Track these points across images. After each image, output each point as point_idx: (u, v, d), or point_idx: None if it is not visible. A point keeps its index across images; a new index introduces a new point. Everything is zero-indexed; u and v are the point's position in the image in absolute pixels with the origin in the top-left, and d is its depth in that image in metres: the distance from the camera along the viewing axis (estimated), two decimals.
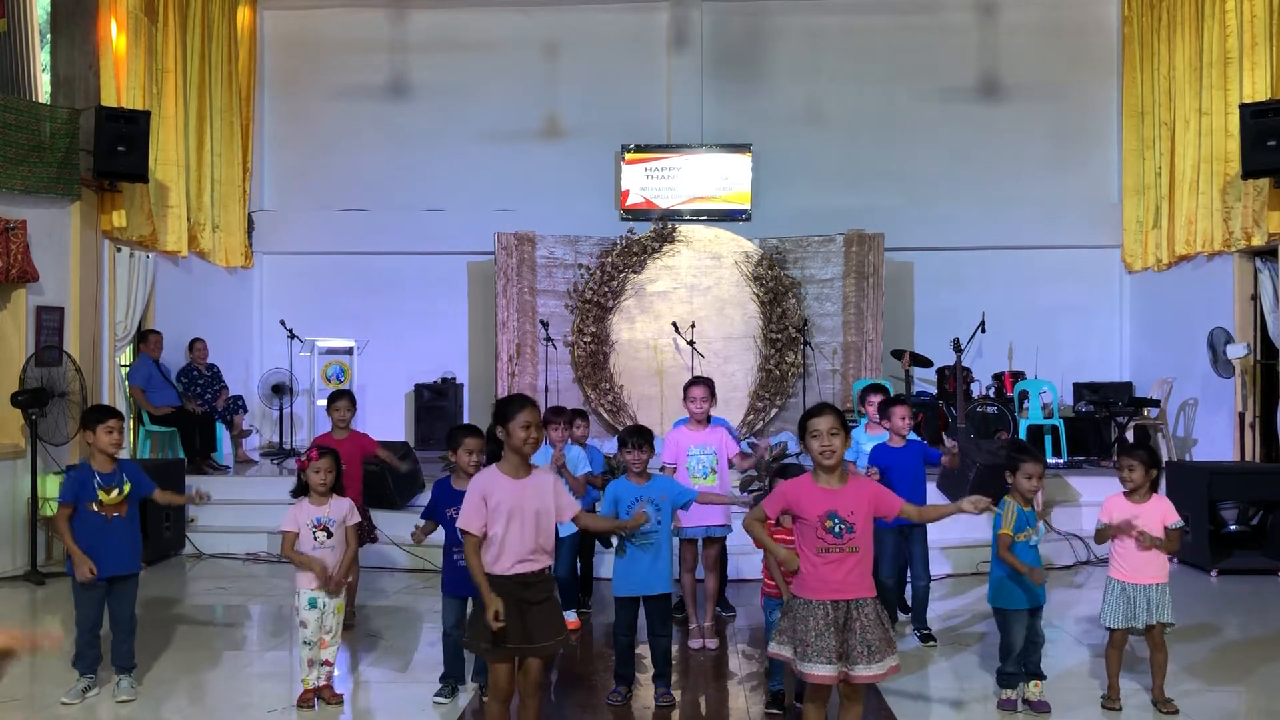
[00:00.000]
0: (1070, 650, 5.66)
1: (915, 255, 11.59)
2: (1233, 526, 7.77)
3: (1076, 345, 11.45)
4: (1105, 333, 11.61)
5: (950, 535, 7.47)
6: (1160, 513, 4.64)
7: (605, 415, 10.82)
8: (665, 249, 11.12)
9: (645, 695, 4.86)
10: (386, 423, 11.31)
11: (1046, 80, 11.70)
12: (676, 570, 5.71)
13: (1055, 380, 10.49)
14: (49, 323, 8.36)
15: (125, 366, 9.62)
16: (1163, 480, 7.05)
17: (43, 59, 9.13)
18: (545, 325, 10.78)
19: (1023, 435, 9.68)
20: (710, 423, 5.96)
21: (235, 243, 11.27)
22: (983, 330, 10.03)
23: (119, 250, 9.22)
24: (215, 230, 10.88)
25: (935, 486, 8.20)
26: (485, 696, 4.30)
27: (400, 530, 7.70)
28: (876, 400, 6.27)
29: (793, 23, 11.86)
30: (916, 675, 5.24)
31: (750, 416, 10.75)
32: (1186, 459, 9.99)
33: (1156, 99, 10.73)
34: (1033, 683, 4.65)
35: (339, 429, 6.21)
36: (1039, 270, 11.53)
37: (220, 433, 9.98)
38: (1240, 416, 9.27)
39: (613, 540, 4.78)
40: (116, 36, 9.09)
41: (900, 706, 4.73)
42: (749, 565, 6.99)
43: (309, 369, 11.38)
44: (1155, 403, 10.09)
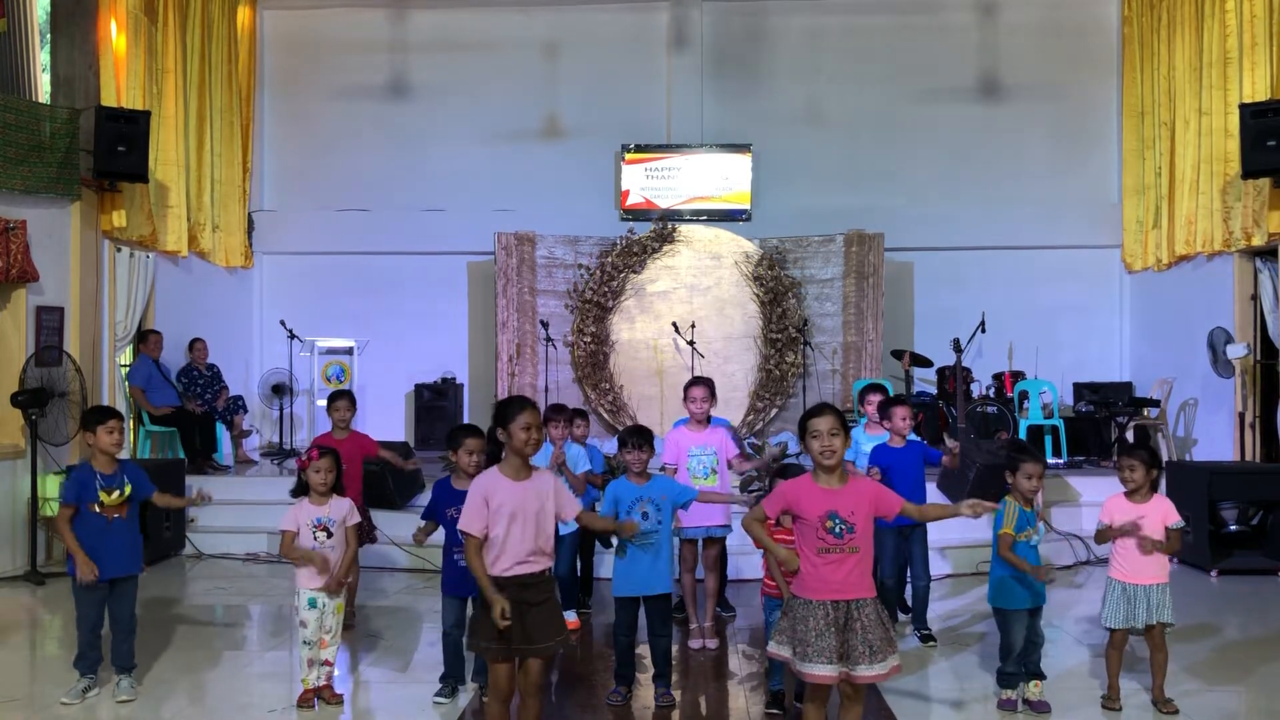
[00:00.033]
0: (1070, 650, 5.66)
1: (915, 255, 11.59)
2: (1233, 526, 7.77)
3: (1076, 345, 11.45)
4: (1105, 333, 11.61)
5: (950, 535, 7.48)
6: (1161, 513, 4.64)
7: (605, 415, 10.81)
8: (665, 249, 11.12)
9: (645, 695, 4.86)
10: (386, 423, 11.31)
11: (1046, 80, 11.70)
12: (676, 570, 5.72)
13: (1055, 380, 10.49)
14: (49, 323, 8.36)
15: (125, 366, 9.62)
16: (1163, 480, 7.05)
17: (43, 59, 9.13)
18: (545, 325, 10.78)
19: (1023, 435, 9.68)
20: (710, 423, 5.96)
21: (235, 243, 11.27)
22: (983, 330, 10.03)
23: (119, 250, 9.22)
24: (215, 230, 10.89)
25: (935, 486, 8.21)
26: (485, 696, 4.30)
27: (400, 530, 7.71)
28: (876, 400, 6.28)
29: (793, 23, 11.87)
30: (916, 675, 5.24)
31: (750, 416, 10.75)
32: (1186, 459, 9.99)
33: (1156, 99, 10.73)
34: (1033, 683, 4.66)
35: (339, 429, 6.21)
36: (1039, 270, 11.53)
37: (220, 433, 9.98)
38: (1240, 416, 9.27)
39: (613, 540, 4.78)
40: (116, 36, 9.10)
41: (900, 706, 4.73)
42: (749, 565, 7.00)
43: (309, 369, 11.38)
44: (1155, 403, 10.09)
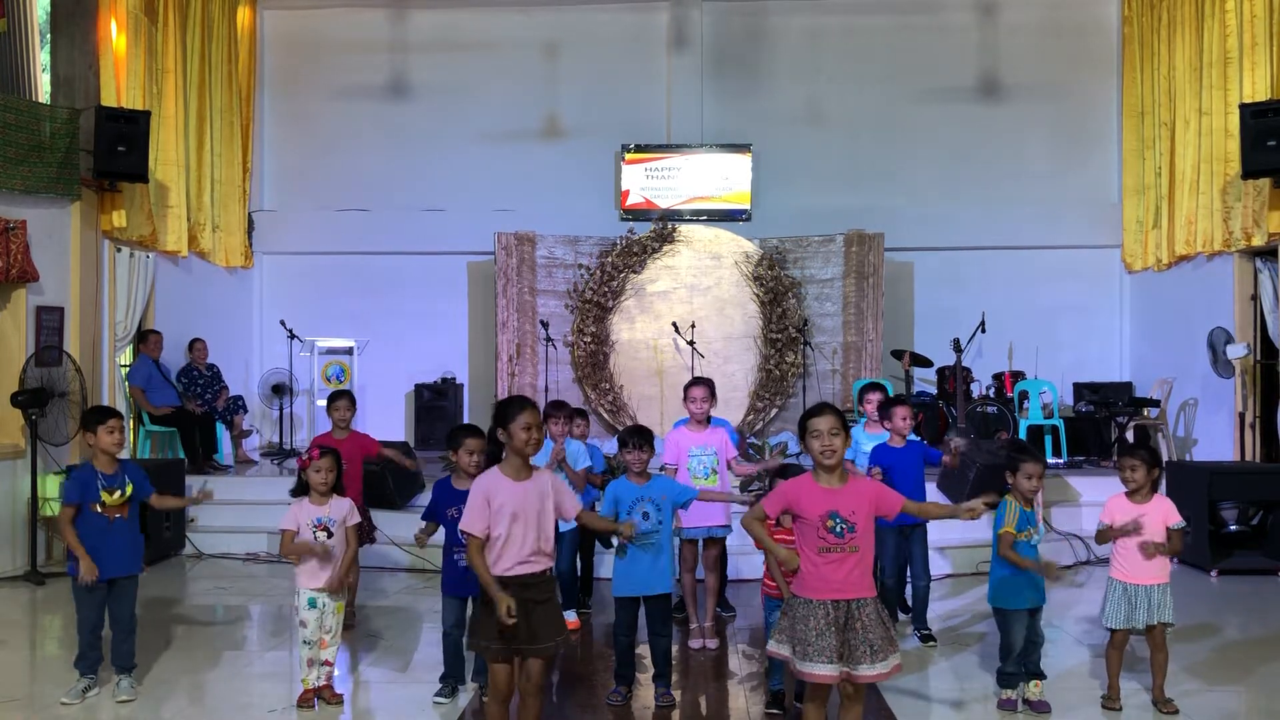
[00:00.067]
0: (1070, 650, 5.67)
1: (915, 255, 11.59)
2: (1233, 526, 7.77)
3: (1076, 345, 11.45)
4: (1105, 333, 11.61)
5: (950, 535, 7.48)
6: (1162, 513, 4.64)
7: (605, 415, 10.81)
8: (665, 249, 11.12)
9: (645, 695, 4.86)
10: (386, 423, 11.31)
11: (1046, 80, 11.70)
12: (676, 570, 5.72)
13: (1055, 380, 10.49)
14: (49, 323, 8.36)
15: (125, 366, 9.62)
16: (1163, 480, 7.05)
17: (43, 59, 9.13)
18: (545, 325, 10.78)
19: (1023, 435, 9.68)
20: (710, 423, 5.97)
21: (235, 243, 11.27)
22: (983, 330, 10.03)
23: (119, 250, 9.22)
24: (215, 230, 10.88)
25: (935, 486, 8.21)
26: (485, 696, 4.30)
27: (400, 530, 7.71)
28: (875, 399, 6.28)
29: (793, 23, 11.86)
30: (916, 675, 5.24)
31: (750, 416, 10.74)
32: (1186, 459, 9.99)
33: (1156, 99, 10.73)
34: (1033, 683, 4.66)
35: (339, 429, 6.20)
36: (1039, 270, 11.53)
37: (220, 433, 9.98)
38: (1240, 416, 9.27)
39: (613, 540, 4.78)
40: (116, 36, 9.09)
41: (900, 706, 4.74)
42: (749, 565, 7.00)
43: (309, 369, 11.38)
44: (1155, 403, 10.09)
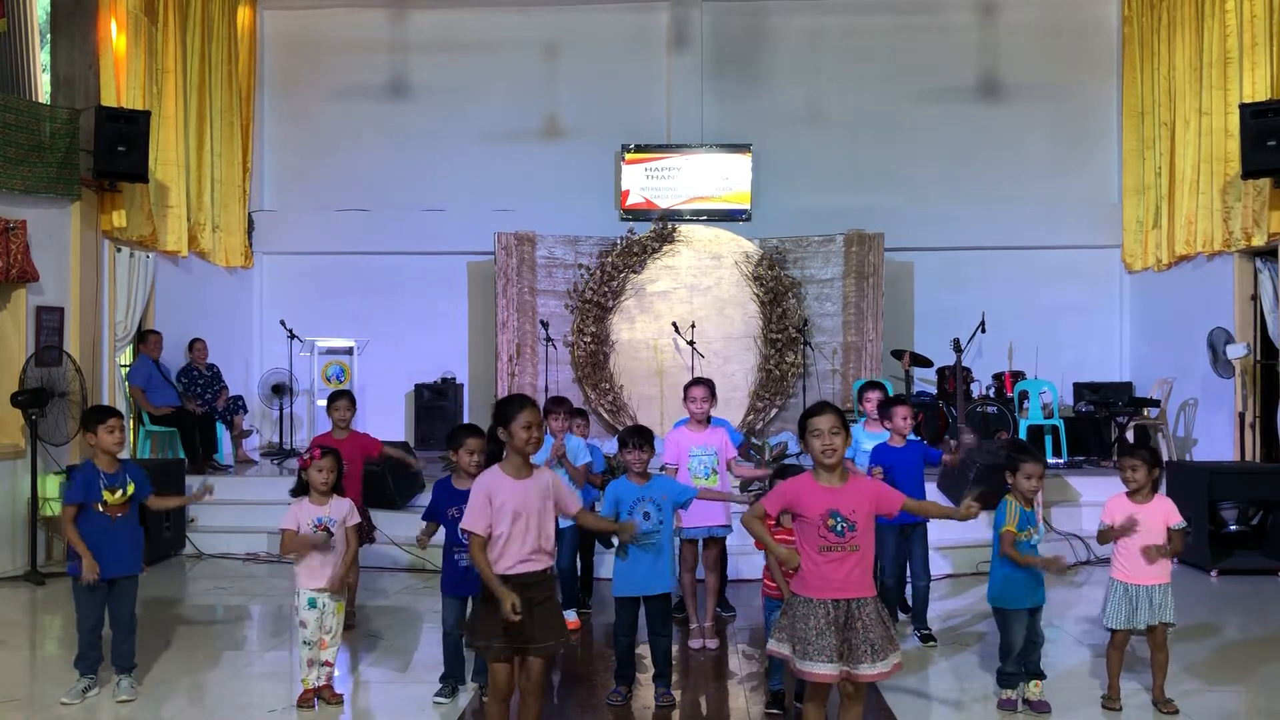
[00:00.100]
0: (1070, 650, 5.67)
1: (915, 255, 11.59)
2: (1233, 526, 7.77)
3: (1076, 345, 11.45)
4: (1105, 333, 11.61)
5: (950, 535, 7.47)
6: (1163, 513, 4.64)
7: (605, 415, 10.81)
8: (665, 249, 11.12)
9: (645, 695, 4.86)
10: (386, 423, 11.30)
11: (1046, 80, 11.70)
12: (676, 570, 5.72)
13: (1055, 380, 10.49)
14: (49, 323, 8.36)
15: (125, 366, 9.62)
16: (1163, 480, 7.05)
17: (43, 59, 9.13)
18: (545, 325, 10.78)
19: (1023, 435, 9.68)
20: (710, 423, 5.97)
21: (235, 243, 11.27)
22: (983, 330, 10.03)
23: (119, 250, 9.22)
24: (215, 230, 10.88)
25: (935, 486, 8.22)
26: (485, 696, 4.30)
27: (400, 530, 7.72)
28: (875, 397, 6.28)
29: (793, 23, 11.86)
30: (916, 675, 5.24)
31: (750, 416, 10.74)
32: (1186, 459, 9.99)
33: (1156, 99, 10.73)
34: (1033, 683, 4.66)
35: (339, 429, 6.20)
36: (1039, 270, 11.53)
37: (220, 433, 9.98)
38: (1240, 416, 9.27)
39: (613, 540, 4.78)
40: (116, 36, 9.09)
41: (900, 706, 4.73)
42: (749, 565, 7.00)
43: (309, 369, 11.38)
44: (1155, 403, 10.09)
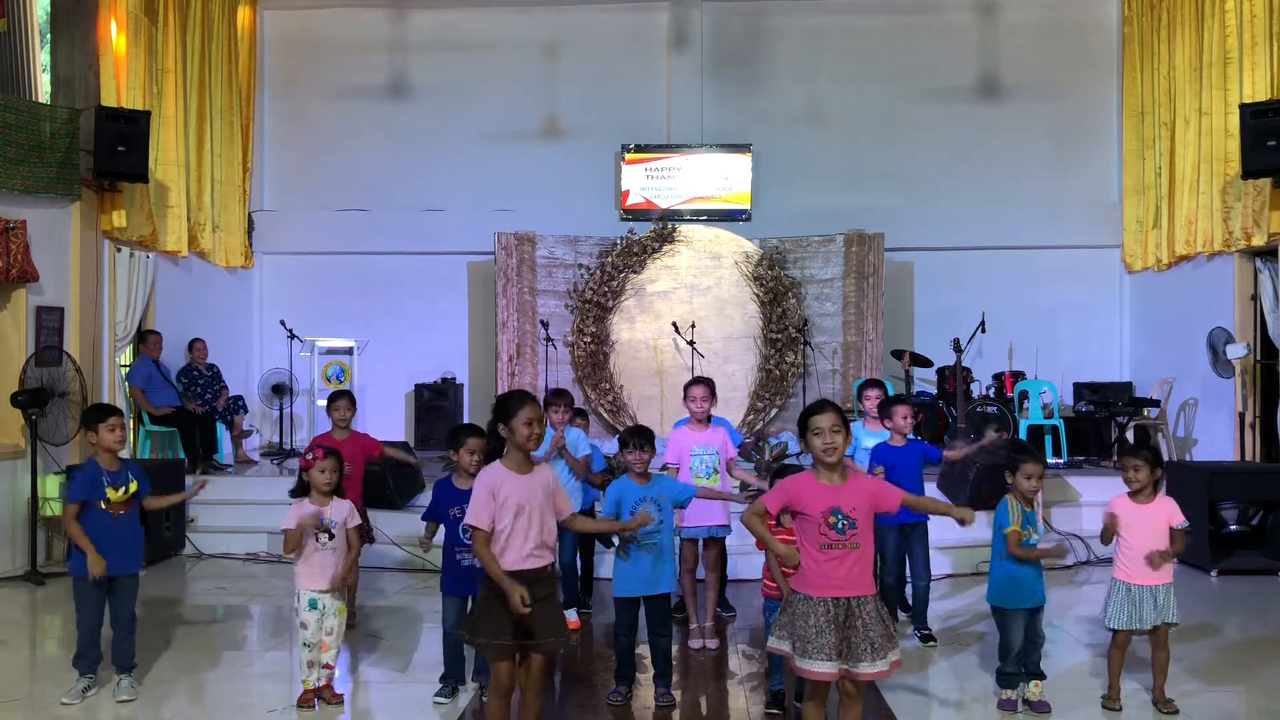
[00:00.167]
0: (1070, 650, 5.67)
1: (915, 255, 11.59)
2: (1233, 526, 7.77)
3: (1076, 345, 11.45)
4: (1105, 333, 11.61)
5: (950, 535, 7.44)
6: (1165, 513, 4.63)
7: (605, 415, 10.81)
8: (665, 249, 11.12)
9: (645, 695, 4.86)
10: (386, 423, 11.30)
11: (1046, 80, 11.70)
12: (677, 569, 5.72)
13: (1055, 380, 10.48)
14: (49, 323, 8.36)
15: (125, 366, 9.62)
16: (1164, 480, 7.05)
17: (43, 59, 9.13)
18: (545, 325, 10.78)
19: (1023, 435, 9.67)
20: (710, 422, 5.97)
21: (235, 243, 11.26)
22: (983, 330, 10.03)
23: (119, 250, 9.22)
24: (215, 230, 10.88)
25: (935, 486, 8.21)
26: (485, 696, 4.30)
27: (399, 530, 7.72)
28: (875, 395, 6.28)
29: (793, 23, 11.86)
30: (916, 675, 5.24)
31: (750, 416, 10.74)
32: (1186, 459, 9.99)
33: (1156, 99, 10.73)
34: (1033, 683, 4.66)
35: (339, 429, 6.19)
36: (1039, 270, 11.53)
37: (220, 433, 9.98)
38: (1240, 416, 9.27)
39: (614, 539, 4.78)
40: (116, 36, 9.09)
41: (900, 706, 4.73)
42: (749, 565, 6.99)
43: (309, 369, 11.38)
44: (1155, 403, 10.09)
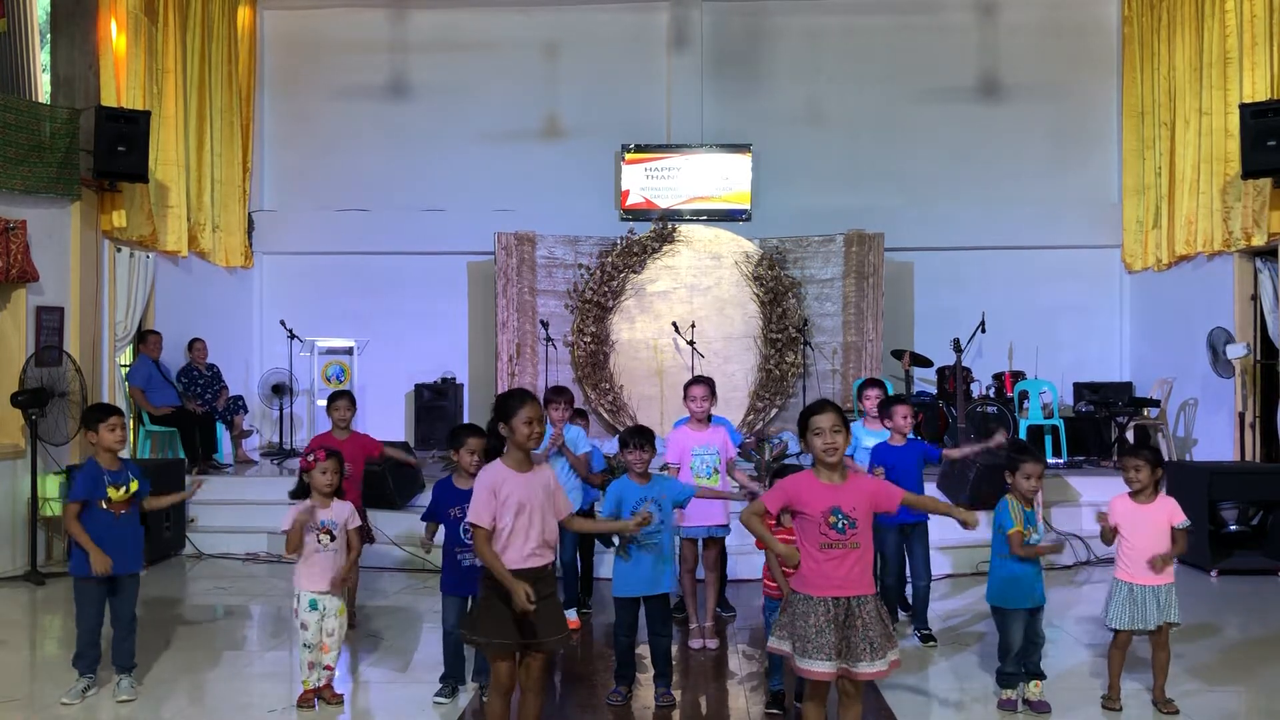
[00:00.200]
0: (1070, 650, 5.67)
1: (915, 255, 11.59)
2: (1233, 526, 7.77)
3: (1076, 345, 11.44)
4: (1105, 333, 11.61)
5: (950, 535, 7.43)
6: (1167, 513, 4.64)
7: (605, 415, 10.81)
8: (665, 249, 11.11)
9: (645, 695, 4.86)
10: (386, 423, 11.30)
11: (1046, 80, 11.70)
12: (677, 569, 5.72)
13: (1055, 380, 10.48)
14: (49, 323, 8.36)
15: (125, 367, 9.62)
16: (1165, 480, 7.05)
17: (43, 59, 9.13)
18: (545, 325, 10.78)
19: (1023, 435, 9.67)
20: (711, 422, 5.97)
21: (235, 243, 11.26)
22: (983, 330, 10.03)
23: (119, 250, 9.22)
24: (215, 230, 10.88)
25: (935, 486, 8.21)
26: (485, 696, 4.30)
27: (399, 530, 7.73)
28: (875, 395, 6.28)
29: (793, 23, 11.86)
30: (916, 675, 5.24)
31: (750, 416, 10.74)
32: (1186, 459, 9.99)
33: (1156, 99, 10.72)
34: (1033, 683, 4.66)
35: (339, 429, 6.19)
36: (1039, 270, 11.53)
37: (220, 433, 9.98)
38: (1240, 416, 9.27)
39: (614, 539, 4.78)
40: (116, 36, 9.09)
41: (900, 706, 4.73)
42: (749, 565, 6.99)
43: (309, 369, 11.38)
44: (1155, 403, 10.09)
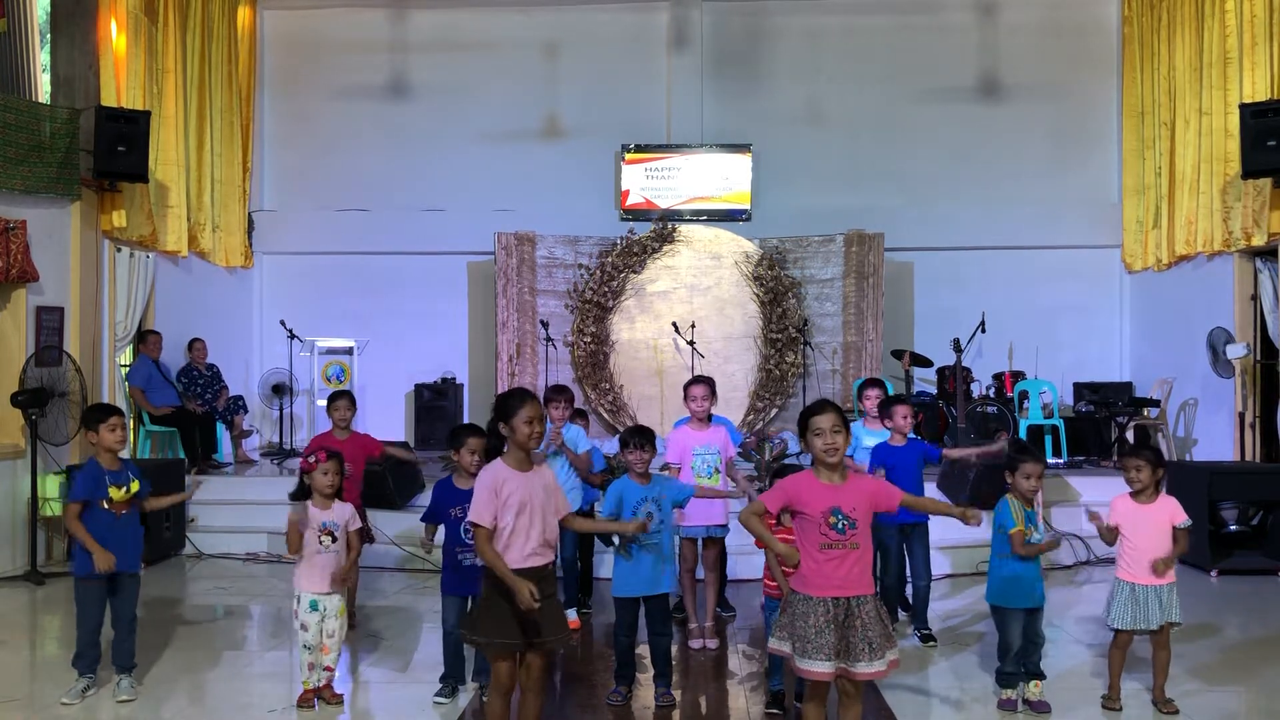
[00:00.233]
0: (1070, 650, 5.67)
1: (915, 255, 11.59)
2: (1233, 526, 7.77)
3: (1076, 345, 11.45)
4: (1105, 333, 11.61)
5: (950, 535, 7.45)
6: (1168, 512, 4.64)
7: (605, 415, 10.81)
8: (665, 249, 11.12)
9: (645, 695, 4.86)
10: (386, 423, 11.30)
11: (1046, 80, 11.70)
12: (677, 569, 5.72)
13: (1055, 380, 10.49)
14: (49, 323, 8.36)
15: (125, 366, 9.62)
16: (1165, 480, 7.05)
17: (43, 59, 9.13)
18: (545, 325, 10.78)
19: (1023, 435, 9.68)
20: (711, 421, 5.97)
21: (235, 243, 11.26)
22: (983, 330, 10.03)
23: (119, 250, 9.22)
24: (215, 230, 10.88)
25: (935, 486, 8.22)
26: (485, 696, 4.30)
27: (399, 530, 7.73)
28: (875, 395, 6.28)
29: (793, 23, 11.86)
30: (916, 675, 5.24)
31: (750, 416, 10.74)
32: (1186, 459, 9.99)
33: (1156, 99, 10.73)
34: (1033, 683, 4.65)
35: (339, 429, 6.18)
36: (1039, 270, 11.53)
37: (220, 433, 9.98)
38: (1240, 416, 9.27)
39: (614, 539, 4.78)
40: (116, 36, 9.09)
41: (900, 706, 4.73)
42: (749, 565, 6.99)
43: (309, 369, 11.38)
44: (1155, 403, 10.09)
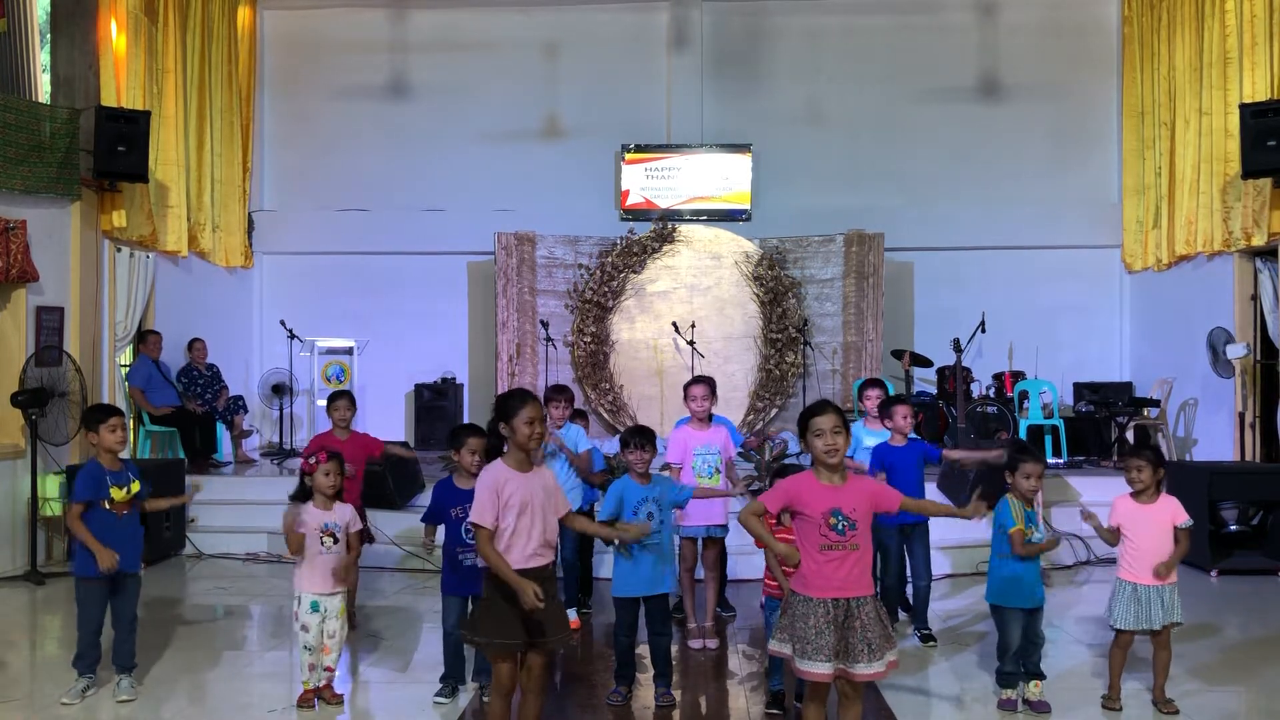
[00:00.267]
0: (1070, 650, 5.67)
1: (915, 255, 11.59)
2: (1233, 526, 7.77)
3: (1076, 345, 11.45)
4: (1105, 333, 11.62)
5: (950, 535, 7.47)
6: (1169, 513, 4.64)
7: (605, 415, 10.81)
8: (665, 249, 11.12)
9: (645, 695, 4.86)
10: (386, 423, 11.29)
11: (1046, 80, 11.70)
12: (677, 569, 5.72)
13: (1055, 380, 10.49)
14: (49, 323, 8.36)
15: (125, 367, 9.62)
16: (1165, 480, 7.05)
17: (43, 59, 9.13)
18: (545, 325, 10.78)
19: (1023, 435, 9.68)
20: (712, 421, 5.97)
21: (235, 243, 11.27)
22: (983, 330, 10.03)
23: (119, 250, 9.22)
24: (215, 230, 10.88)
25: (935, 486, 8.22)
26: (485, 696, 4.30)
27: (399, 530, 7.73)
28: (875, 395, 6.28)
29: (793, 23, 11.86)
30: (916, 675, 5.24)
31: (750, 416, 10.74)
32: (1186, 459, 9.99)
33: (1156, 99, 10.73)
34: (1033, 683, 4.65)
35: (340, 429, 6.18)
36: (1039, 270, 11.53)
37: (220, 433, 9.98)
38: (1240, 416, 9.27)
39: (614, 539, 4.78)
40: (116, 36, 9.09)
41: (900, 706, 4.73)
42: (749, 565, 6.99)
43: (309, 369, 11.38)
44: (1155, 403, 10.09)
